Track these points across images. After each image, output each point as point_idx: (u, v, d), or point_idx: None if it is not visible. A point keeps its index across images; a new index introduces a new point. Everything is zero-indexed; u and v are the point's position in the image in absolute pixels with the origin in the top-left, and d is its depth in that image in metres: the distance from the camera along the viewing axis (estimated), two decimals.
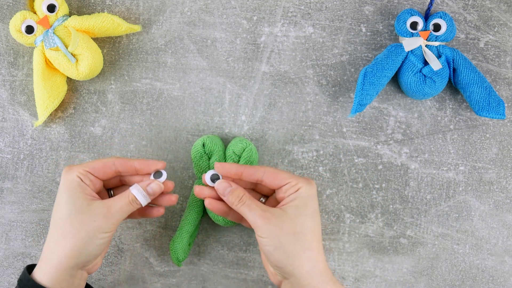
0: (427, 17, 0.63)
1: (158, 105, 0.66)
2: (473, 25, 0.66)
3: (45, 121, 0.66)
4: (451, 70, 0.62)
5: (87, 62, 0.62)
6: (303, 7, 0.66)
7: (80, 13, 0.66)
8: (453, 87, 0.65)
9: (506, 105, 0.66)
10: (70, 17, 0.63)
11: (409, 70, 0.62)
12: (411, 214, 0.66)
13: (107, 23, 0.63)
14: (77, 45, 0.62)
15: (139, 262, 0.66)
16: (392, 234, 0.66)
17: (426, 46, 0.62)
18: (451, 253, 0.66)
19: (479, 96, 0.61)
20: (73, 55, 0.63)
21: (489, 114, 0.61)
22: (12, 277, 0.67)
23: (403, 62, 0.62)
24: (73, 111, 0.67)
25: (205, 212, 0.64)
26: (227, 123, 0.66)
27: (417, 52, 0.62)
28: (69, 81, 0.67)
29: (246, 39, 0.66)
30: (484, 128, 0.66)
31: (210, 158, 0.62)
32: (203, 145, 0.62)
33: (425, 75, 0.62)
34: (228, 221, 0.62)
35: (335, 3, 0.66)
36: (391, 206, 0.66)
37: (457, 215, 0.66)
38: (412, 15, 0.62)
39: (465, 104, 0.66)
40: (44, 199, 0.66)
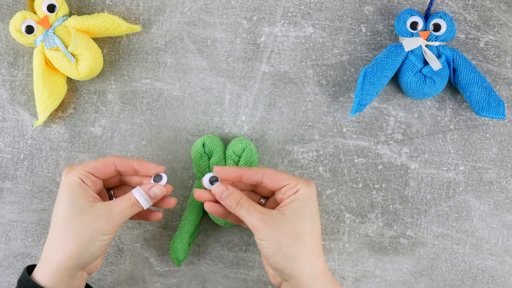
0: (427, 17, 0.63)
1: (158, 105, 0.66)
2: (473, 25, 0.66)
3: (45, 121, 0.66)
4: (451, 70, 0.62)
5: (87, 62, 0.62)
6: (303, 7, 0.66)
7: (80, 13, 0.66)
8: (453, 87, 0.65)
9: (506, 105, 0.65)
10: (70, 17, 0.63)
11: (409, 70, 0.62)
12: (411, 214, 0.66)
13: (107, 23, 0.63)
14: (77, 45, 0.62)
15: (139, 262, 0.66)
16: (392, 234, 0.66)
17: (426, 46, 0.62)
18: (451, 253, 0.66)
19: (479, 96, 0.61)
20: (73, 55, 0.63)
21: (489, 114, 0.61)
22: (12, 277, 0.67)
23: (403, 62, 0.62)
24: (73, 111, 0.67)
25: (205, 212, 0.64)
26: (227, 123, 0.66)
27: (417, 52, 0.62)
28: (69, 81, 0.67)
29: (246, 39, 0.66)
30: (484, 128, 0.66)
31: (210, 158, 0.62)
32: (203, 145, 0.62)
33: (425, 75, 0.62)
34: (228, 221, 0.62)
35: (335, 3, 0.66)
36: (391, 206, 0.66)
37: (457, 215, 0.66)
38: (412, 15, 0.62)
39: (465, 104, 0.66)
40: (44, 199, 0.66)
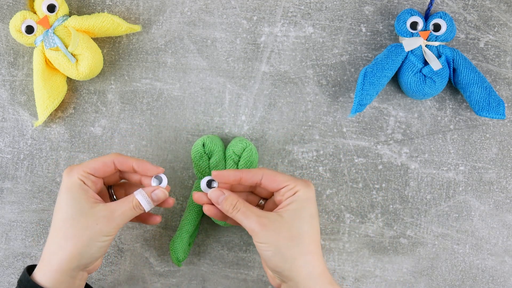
0: (427, 17, 0.63)
1: (158, 105, 0.66)
2: (473, 25, 0.66)
3: (45, 121, 0.66)
4: (451, 70, 0.62)
5: (87, 62, 0.62)
6: (303, 7, 0.66)
7: (80, 13, 0.66)
8: (453, 87, 0.65)
9: (506, 105, 0.65)
10: (70, 17, 0.63)
11: (409, 70, 0.62)
12: (411, 214, 0.66)
13: (107, 23, 0.63)
14: (77, 45, 0.62)
15: (139, 262, 0.66)
16: (392, 234, 0.66)
17: (426, 46, 0.62)
18: (451, 253, 0.66)
19: (479, 96, 0.61)
20: (73, 55, 0.63)
21: (489, 114, 0.61)
22: (12, 277, 0.67)
23: (403, 62, 0.62)
24: (73, 111, 0.67)
25: None
26: (227, 123, 0.66)
27: (417, 52, 0.62)
28: (69, 81, 0.66)
29: (246, 39, 0.66)
30: (484, 128, 0.66)
31: (210, 158, 0.62)
32: (203, 145, 0.62)
33: (425, 75, 0.62)
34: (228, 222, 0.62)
35: (335, 3, 0.66)
36: (391, 206, 0.66)
37: (457, 215, 0.66)
38: (412, 15, 0.62)
39: (465, 104, 0.66)
40: (44, 199, 0.66)
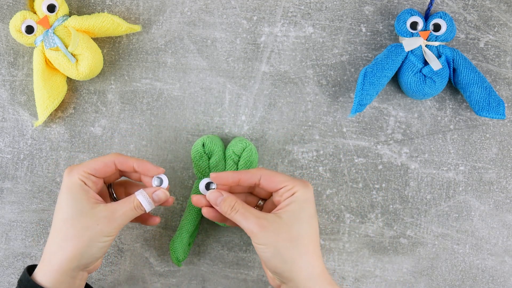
0: (427, 17, 0.63)
1: (158, 105, 0.66)
2: (473, 25, 0.66)
3: (45, 121, 0.66)
4: (451, 70, 0.62)
5: (87, 62, 0.62)
6: (303, 7, 0.66)
7: (80, 13, 0.66)
8: (453, 87, 0.65)
9: (506, 105, 0.65)
10: (70, 17, 0.63)
11: (409, 70, 0.62)
12: (411, 214, 0.66)
13: (107, 23, 0.63)
14: (77, 45, 0.62)
15: (139, 262, 0.66)
16: (392, 234, 0.66)
17: (426, 46, 0.62)
18: (451, 253, 0.66)
19: (479, 96, 0.61)
20: (73, 55, 0.63)
21: (489, 114, 0.61)
22: (12, 277, 0.67)
23: (403, 62, 0.62)
24: (73, 111, 0.67)
25: None
26: (227, 123, 0.66)
27: (417, 52, 0.62)
28: (69, 81, 0.67)
29: (246, 39, 0.66)
30: (484, 128, 0.66)
31: (210, 158, 0.62)
32: (203, 145, 0.62)
33: (425, 75, 0.62)
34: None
35: (335, 3, 0.66)
36: (391, 206, 0.66)
37: (457, 215, 0.66)
38: (412, 15, 0.62)
39: (465, 104, 0.66)
40: (44, 199, 0.66)
